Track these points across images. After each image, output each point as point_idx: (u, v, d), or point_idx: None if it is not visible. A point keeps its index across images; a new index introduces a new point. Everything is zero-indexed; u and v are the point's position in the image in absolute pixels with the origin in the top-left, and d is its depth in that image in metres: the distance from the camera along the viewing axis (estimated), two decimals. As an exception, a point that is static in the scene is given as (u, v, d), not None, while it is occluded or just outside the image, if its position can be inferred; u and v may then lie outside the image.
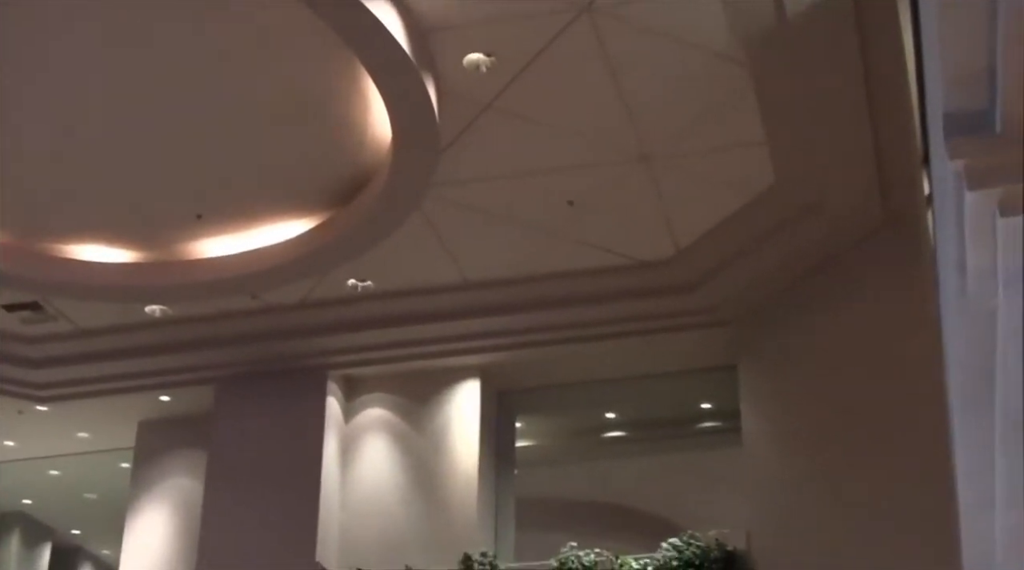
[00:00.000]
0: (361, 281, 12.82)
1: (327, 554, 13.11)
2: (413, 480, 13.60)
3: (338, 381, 14.11)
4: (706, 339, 13.16)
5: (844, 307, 11.65)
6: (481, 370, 13.88)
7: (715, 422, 14.55)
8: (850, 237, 11.53)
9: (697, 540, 11.98)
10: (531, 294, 12.91)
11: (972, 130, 4.39)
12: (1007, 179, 4.29)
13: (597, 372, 13.94)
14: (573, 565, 12.08)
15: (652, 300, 12.77)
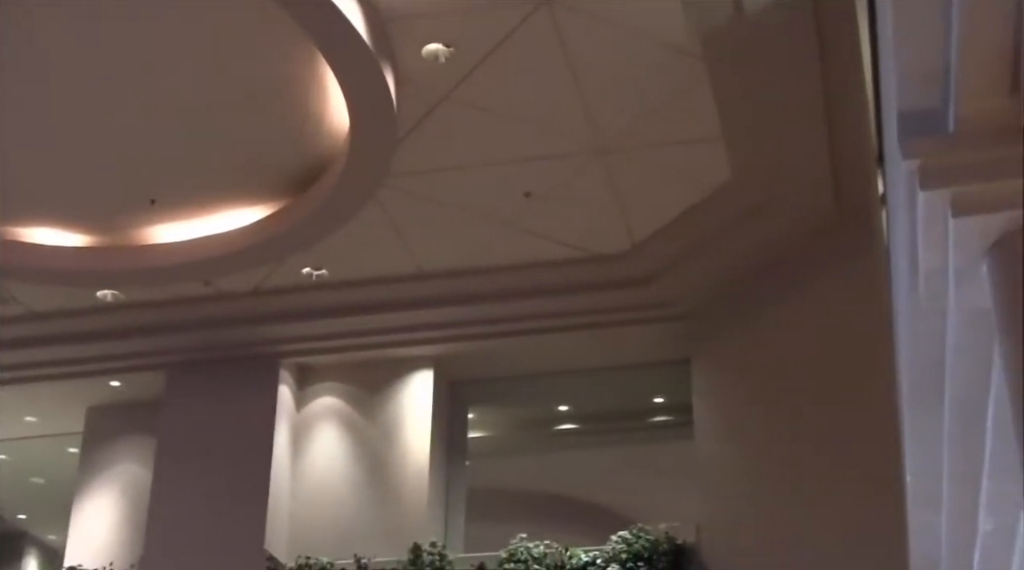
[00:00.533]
0: (316, 269, 12.77)
1: (276, 543, 13.06)
2: (364, 470, 13.57)
3: (290, 369, 14.06)
4: (660, 333, 13.21)
5: (797, 303, 11.71)
6: (434, 360, 13.86)
7: (667, 416, 14.60)
8: (804, 234, 11.59)
9: (647, 533, 12.02)
10: (486, 285, 12.91)
11: (926, 130, 4.42)
12: (960, 179, 4.32)
13: (550, 364, 13.96)
14: (522, 556, 12.09)
15: (607, 293, 12.80)
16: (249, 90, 10.42)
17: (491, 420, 15.31)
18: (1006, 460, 4.45)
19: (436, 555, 12.38)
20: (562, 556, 12.08)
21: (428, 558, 12.37)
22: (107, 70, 10.20)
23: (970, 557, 7.72)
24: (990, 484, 6.52)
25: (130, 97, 10.52)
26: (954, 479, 6.81)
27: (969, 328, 5.12)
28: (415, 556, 12.38)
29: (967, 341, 5.24)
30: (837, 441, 10.85)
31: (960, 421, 6.13)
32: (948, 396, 5.94)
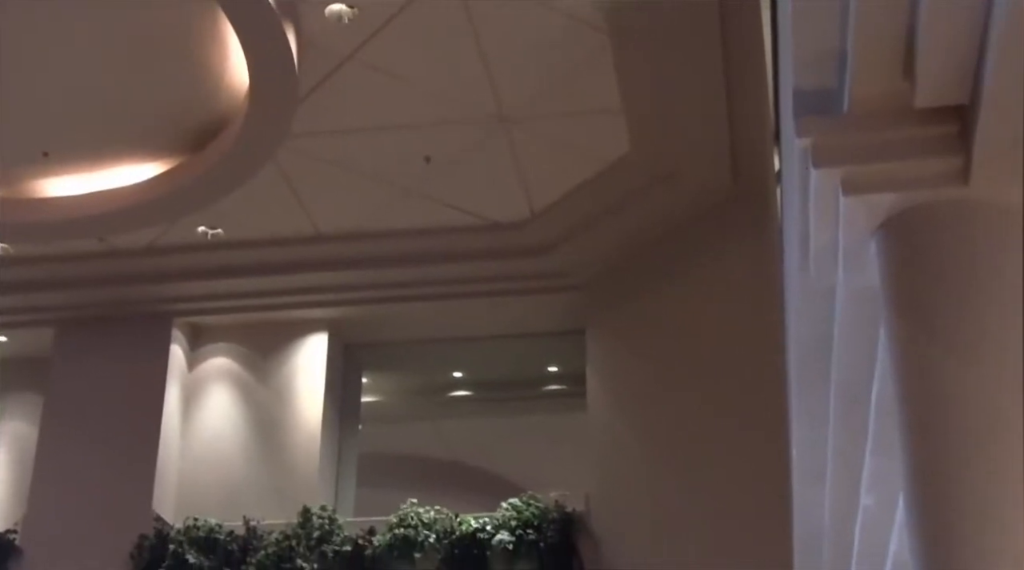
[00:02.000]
0: (211, 229, 12.62)
1: (164, 504, 12.93)
2: (255, 432, 13.47)
3: (183, 329, 13.88)
4: (556, 303, 13.25)
5: (692, 278, 11.80)
6: (329, 324, 13.77)
7: (561, 385, 14.66)
8: (702, 210, 11.67)
9: (537, 501, 12.08)
10: (383, 250, 12.85)
11: (821, 109, 4.46)
12: (851, 159, 4.38)
13: (446, 331, 13.94)
14: (412, 522, 12.09)
15: (504, 262, 12.81)
16: (146, 43, 10.24)
17: (385, 385, 15.27)
18: (888, 438, 4.54)
19: (326, 519, 12.34)
20: (452, 522, 12.10)
21: (318, 521, 12.31)
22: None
23: (851, 531, 7.88)
24: (872, 461, 6.64)
25: (22, 45, 10.28)
26: (837, 455, 6.93)
27: (856, 307, 5.20)
28: (305, 519, 12.32)
29: (854, 320, 5.32)
30: (727, 415, 10.98)
31: (845, 399, 6.24)
32: (834, 374, 6.04)
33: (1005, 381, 4.22)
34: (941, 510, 4.20)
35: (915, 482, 4.34)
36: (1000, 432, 4.17)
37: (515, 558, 11.74)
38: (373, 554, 12.02)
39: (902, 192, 4.38)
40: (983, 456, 4.16)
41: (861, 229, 4.58)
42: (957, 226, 4.39)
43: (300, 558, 12.10)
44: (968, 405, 4.21)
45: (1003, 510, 4.09)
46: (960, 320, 4.27)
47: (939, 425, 4.25)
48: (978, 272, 4.33)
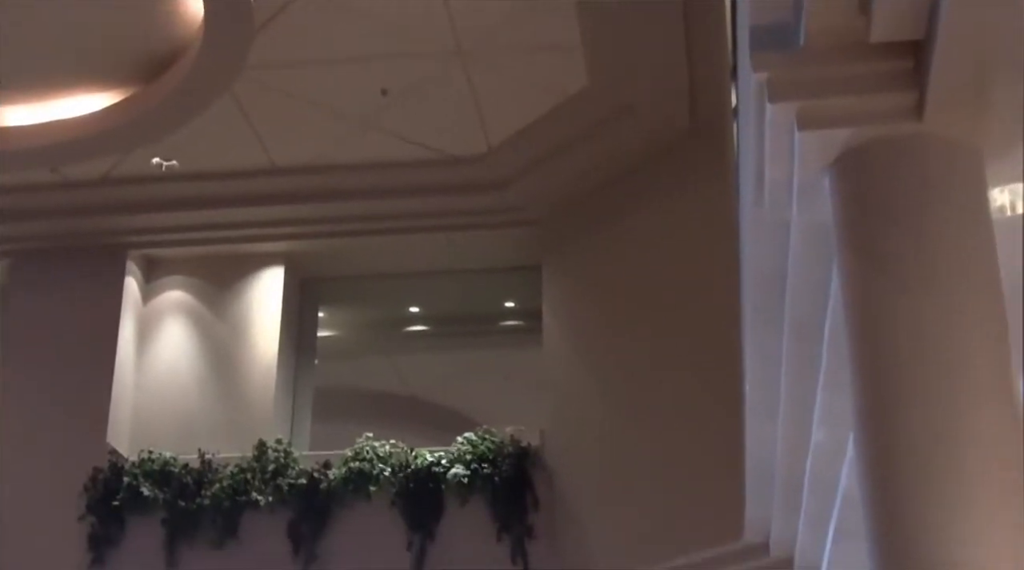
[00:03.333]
0: (166, 160, 12.49)
1: (119, 436, 12.89)
2: (210, 365, 13.43)
3: (138, 261, 13.78)
4: (512, 238, 13.24)
5: (649, 214, 11.81)
6: (285, 257, 13.70)
7: (517, 321, 14.68)
8: (659, 144, 11.65)
9: (492, 436, 12.13)
10: (339, 183, 12.78)
11: (776, 44, 4.46)
12: (806, 94, 4.39)
13: (402, 265, 13.92)
14: (368, 456, 12.13)
15: (461, 196, 12.78)
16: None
17: (341, 320, 15.25)
18: (840, 373, 4.58)
19: (281, 452, 12.35)
20: (407, 456, 12.15)
21: (273, 455, 12.32)
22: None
23: (802, 466, 7.97)
24: (824, 396, 6.71)
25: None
26: (790, 390, 7.00)
27: (810, 242, 5.23)
28: (260, 453, 12.33)
29: (807, 255, 5.36)
30: (682, 350, 11.03)
31: (797, 335, 6.29)
32: (787, 310, 6.08)
33: (956, 316, 4.26)
34: (889, 445, 4.25)
35: (864, 417, 4.39)
36: (951, 367, 4.21)
37: (470, 492, 11.81)
38: (328, 488, 12.05)
39: (856, 127, 4.40)
40: (932, 391, 4.21)
41: (815, 164, 4.60)
42: (911, 161, 4.42)
43: (255, 491, 12.12)
44: (919, 340, 4.24)
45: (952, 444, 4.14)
46: (912, 255, 4.30)
47: (889, 360, 4.29)
48: (931, 207, 4.36)
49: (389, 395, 15.34)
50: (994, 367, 4.26)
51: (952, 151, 4.43)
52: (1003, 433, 4.18)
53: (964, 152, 4.46)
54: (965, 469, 4.09)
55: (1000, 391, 4.25)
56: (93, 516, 12.27)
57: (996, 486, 4.09)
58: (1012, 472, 4.14)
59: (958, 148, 4.44)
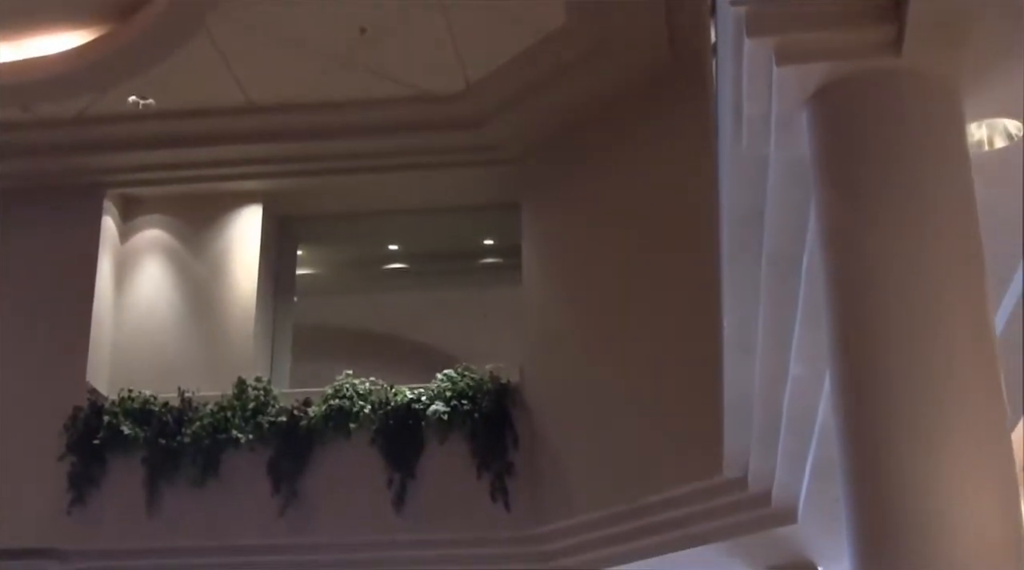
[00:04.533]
0: (142, 98, 12.41)
1: (98, 376, 12.89)
2: (190, 304, 13.41)
3: (115, 201, 13.70)
4: (491, 176, 13.21)
5: (629, 152, 11.79)
6: (263, 196, 13.65)
7: (496, 258, 14.67)
8: (638, 82, 11.60)
9: (472, 372, 12.16)
10: (317, 121, 12.71)
11: (755, -23, 4.44)
12: (785, 28, 4.37)
13: (381, 203, 13.88)
14: (348, 393, 12.15)
15: (440, 134, 12.73)
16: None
17: (320, 258, 15.23)
18: (817, 308, 4.59)
19: (261, 390, 12.37)
20: (387, 393, 12.17)
21: (253, 393, 12.34)
22: None
23: (780, 400, 8.03)
24: (801, 331, 6.75)
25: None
26: (767, 325, 7.04)
27: (788, 177, 5.24)
28: (240, 391, 12.34)
29: (785, 190, 5.36)
30: (660, 287, 11.06)
31: (775, 269, 6.31)
32: (765, 246, 6.10)
33: (932, 250, 4.28)
34: (864, 380, 4.27)
35: (840, 351, 4.41)
36: (927, 302, 4.23)
37: (449, 428, 11.85)
38: (308, 425, 12.08)
39: (834, 62, 4.39)
40: (908, 327, 4.23)
41: (793, 99, 4.60)
42: (889, 96, 4.42)
43: (235, 429, 12.14)
44: (894, 275, 4.26)
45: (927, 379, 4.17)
46: (888, 190, 4.31)
47: (865, 295, 4.31)
48: (908, 142, 4.37)
49: (368, 333, 15.34)
50: (971, 303, 4.29)
51: (930, 86, 4.43)
52: (980, 368, 4.21)
53: (942, 87, 4.46)
54: (940, 404, 4.12)
55: (977, 326, 4.27)
56: (73, 455, 12.29)
57: (973, 421, 4.12)
58: (989, 406, 4.18)
59: (936, 83, 4.44)
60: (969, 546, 3.93)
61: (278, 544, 11.89)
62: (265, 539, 11.90)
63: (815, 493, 9.27)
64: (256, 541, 11.91)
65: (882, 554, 4.05)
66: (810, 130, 4.60)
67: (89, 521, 12.13)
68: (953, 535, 3.93)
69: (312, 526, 11.85)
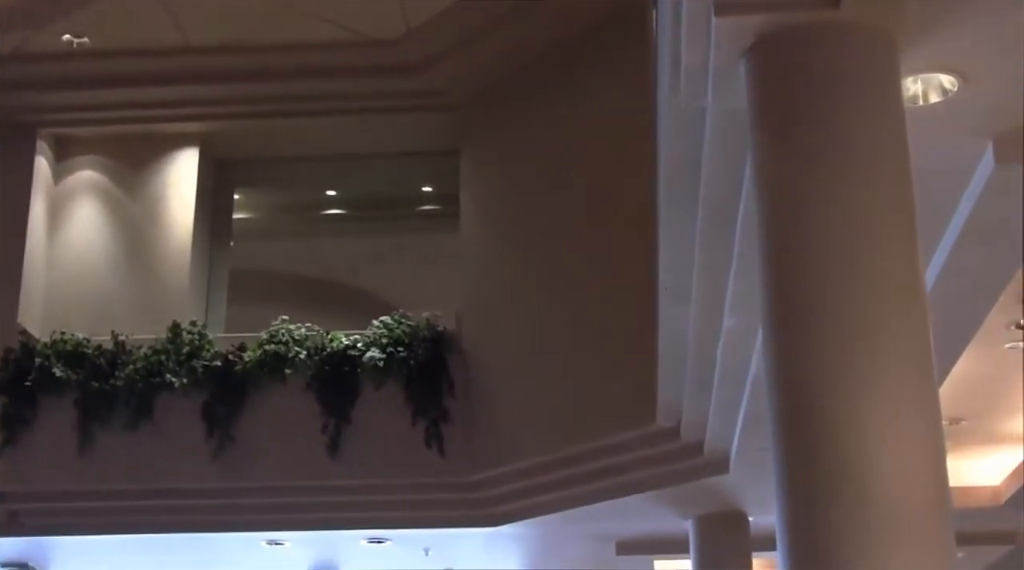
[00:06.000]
0: (77, 37, 12.22)
1: (30, 317, 12.75)
2: (124, 246, 13.28)
3: (48, 140, 13.50)
4: (431, 122, 13.16)
5: (568, 100, 11.77)
6: (200, 138, 13.51)
7: (435, 205, 14.65)
8: (580, 30, 11.56)
9: (408, 320, 12.14)
10: (256, 63, 12.59)
11: (694, -74, 4.43)
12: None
13: (319, 148, 13.78)
14: (283, 338, 12.10)
15: (379, 79, 12.66)
16: None
17: (257, 202, 15.12)
18: (752, 260, 4.62)
19: (196, 334, 12.28)
20: (323, 339, 12.14)
21: (187, 337, 12.25)
22: None
23: (713, 351, 8.09)
24: (736, 282, 6.80)
25: None
26: (703, 276, 7.08)
27: (725, 128, 5.25)
28: (174, 335, 12.25)
29: (722, 141, 5.38)
30: (598, 237, 11.08)
31: (711, 221, 6.34)
32: (702, 196, 6.12)
33: (865, 203, 4.31)
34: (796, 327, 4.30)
35: (773, 303, 4.44)
36: (859, 255, 4.26)
37: (385, 375, 11.83)
38: (243, 370, 12.03)
39: (773, 13, 4.40)
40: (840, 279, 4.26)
41: (731, 50, 4.60)
42: (826, 48, 4.43)
43: (169, 373, 12.06)
44: (828, 227, 4.29)
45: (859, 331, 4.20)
46: (823, 142, 4.34)
47: (798, 246, 4.34)
48: (844, 94, 4.39)
49: (305, 278, 15.27)
50: (902, 256, 4.32)
51: (867, 39, 4.45)
52: (910, 320, 4.26)
53: (878, 41, 4.48)
54: (870, 352, 4.16)
55: (908, 279, 4.32)
56: (5, 396, 12.16)
57: (901, 369, 4.17)
58: (917, 355, 4.23)
59: (873, 36, 4.46)
60: (895, 493, 3.98)
61: (211, 488, 11.86)
62: (198, 483, 11.87)
63: (746, 443, 9.38)
64: (189, 484, 11.89)
65: (808, 500, 4.09)
66: (748, 81, 4.61)
67: (21, 462, 12.03)
68: (879, 482, 3.98)
69: (246, 470, 11.82)
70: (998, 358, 8.92)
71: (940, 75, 5.03)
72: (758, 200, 4.55)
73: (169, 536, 12.21)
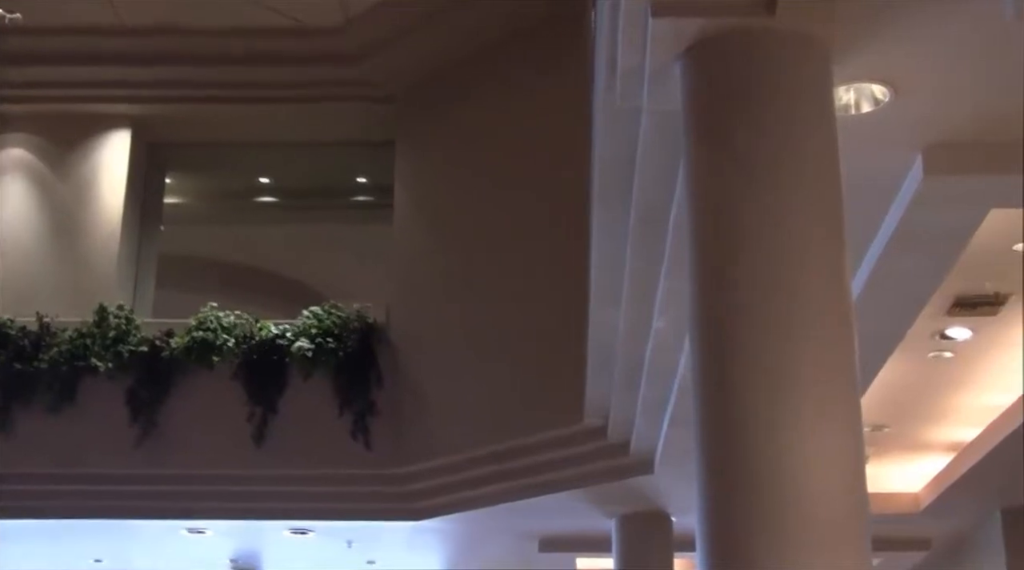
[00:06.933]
0: (9, 13, 12.03)
1: (-47, 296, 12.59)
2: (51, 227, 13.10)
3: (-23, 117, 13.34)
4: (367, 113, 13.10)
5: (506, 95, 11.77)
6: (133, 120, 13.36)
7: (368, 197, 14.60)
8: (519, 26, 11.56)
9: (338, 310, 12.08)
10: (192, 47, 12.48)
11: (635, -73, 4.44)
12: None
13: (254, 135, 13.68)
14: (212, 325, 11.99)
15: (316, 67, 12.60)
16: None
17: (189, 187, 14.99)
18: (683, 261, 4.63)
19: (123, 318, 12.15)
20: (252, 327, 12.05)
21: (114, 321, 12.11)
22: None
23: (642, 352, 8.12)
24: (666, 283, 6.82)
25: None
26: (633, 276, 7.10)
27: (659, 130, 5.27)
28: (100, 318, 12.11)
29: (656, 142, 5.40)
30: (532, 235, 11.08)
31: (643, 221, 6.37)
32: (635, 196, 6.14)
33: (795, 209, 4.34)
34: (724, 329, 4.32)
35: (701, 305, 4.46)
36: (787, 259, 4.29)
37: (313, 365, 11.76)
38: (170, 356, 11.91)
39: (709, 17, 4.41)
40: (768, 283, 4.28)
41: (667, 52, 4.61)
42: (760, 54, 4.46)
43: (94, 357, 11.93)
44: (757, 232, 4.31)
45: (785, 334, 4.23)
46: (755, 147, 4.36)
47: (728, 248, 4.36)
48: (777, 101, 4.42)
49: (236, 265, 15.17)
50: (830, 263, 4.35)
51: (801, 47, 4.48)
52: (836, 326, 4.29)
53: (813, 49, 4.51)
54: (796, 360, 4.19)
55: (834, 286, 4.35)
56: (-75, 376, 11.99)
57: (825, 373, 4.19)
58: (844, 365, 4.26)
59: (807, 44, 4.49)
60: (814, 498, 4.01)
61: (134, 474, 11.75)
62: (120, 469, 11.75)
63: (672, 444, 9.42)
64: (111, 470, 11.76)
65: (728, 503, 4.11)
66: (682, 84, 4.63)
67: (-60, 444, 11.87)
68: (799, 487, 4.01)
69: (169, 457, 11.72)
70: (923, 367, 9.03)
71: (872, 85, 5.07)
72: (689, 203, 4.57)
73: (89, 521, 12.07)
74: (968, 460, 10.82)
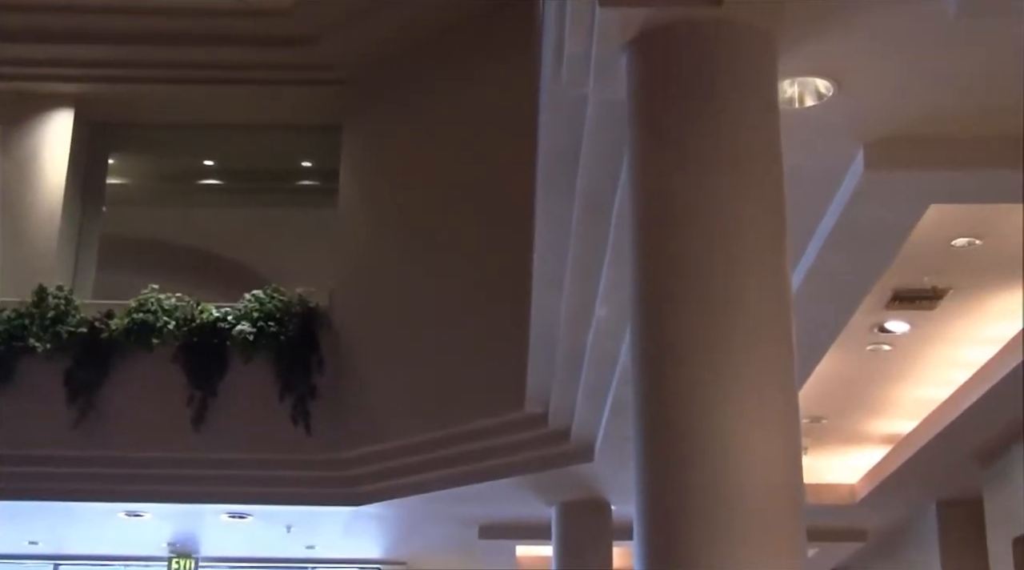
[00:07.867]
0: (-48, -11, 11.90)
1: None
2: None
3: (-83, 92, 13.14)
4: (315, 96, 13.04)
5: (454, 81, 11.74)
6: (76, 100, 13.21)
7: (313, 181, 14.53)
8: (469, 12, 11.53)
9: (281, 294, 12.03)
10: (137, 26, 12.34)
11: (583, -84, 4.44)
12: (609, -31, 4.38)
13: (199, 116, 13.57)
14: (152, 307, 11.90)
15: (264, 49, 12.51)
16: None
17: (133, 168, 14.86)
18: (626, 250, 4.64)
19: (62, 299, 12.03)
20: (193, 310, 11.97)
21: (53, 301, 12.00)
22: None
23: (584, 339, 8.15)
24: (609, 272, 6.84)
25: None
26: (577, 264, 7.12)
27: (605, 119, 5.28)
28: (39, 298, 11.99)
29: (602, 130, 5.41)
30: (476, 220, 11.07)
31: (587, 210, 6.38)
32: (579, 183, 6.16)
33: (737, 200, 4.36)
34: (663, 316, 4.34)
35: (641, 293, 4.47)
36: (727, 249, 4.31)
37: (254, 349, 11.70)
38: (110, 337, 11.82)
39: (656, 7, 4.42)
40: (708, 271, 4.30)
41: (614, 41, 4.62)
42: (706, 45, 4.48)
43: (33, 337, 11.81)
44: (698, 220, 4.33)
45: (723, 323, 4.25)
46: (698, 137, 4.38)
47: (669, 238, 4.38)
48: (721, 92, 4.44)
49: (179, 247, 15.03)
50: (770, 255, 4.38)
51: (747, 39, 4.50)
52: (775, 318, 4.31)
53: (759, 41, 4.53)
54: (734, 351, 4.21)
55: (774, 278, 4.37)
56: None
57: (764, 370, 4.22)
58: (782, 356, 4.28)
59: (753, 37, 4.51)
60: (749, 488, 4.03)
61: (71, 456, 11.64)
62: (58, 450, 11.64)
63: (612, 433, 9.46)
64: (48, 451, 11.65)
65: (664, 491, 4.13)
66: (628, 73, 4.64)
67: None
68: (734, 476, 4.03)
69: (108, 439, 11.62)
70: (861, 359, 9.11)
71: (816, 79, 5.11)
72: (632, 192, 4.58)
73: (24, 503, 11.99)
74: (904, 452, 10.95)
